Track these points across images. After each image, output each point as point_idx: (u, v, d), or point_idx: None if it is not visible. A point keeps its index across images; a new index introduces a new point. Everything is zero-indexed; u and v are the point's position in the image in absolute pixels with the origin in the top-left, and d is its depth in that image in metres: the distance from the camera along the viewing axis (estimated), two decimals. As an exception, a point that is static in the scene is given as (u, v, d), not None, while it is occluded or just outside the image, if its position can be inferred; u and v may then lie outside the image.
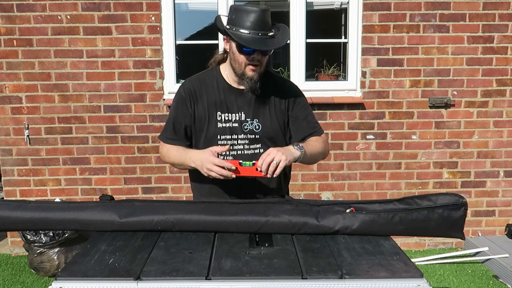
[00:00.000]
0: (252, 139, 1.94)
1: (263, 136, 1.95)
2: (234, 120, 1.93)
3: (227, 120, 1.93)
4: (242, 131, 1.93)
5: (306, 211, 1.61)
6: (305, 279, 1.28)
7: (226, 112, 1.94)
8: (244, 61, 1.85)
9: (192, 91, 1.96)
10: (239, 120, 1.93)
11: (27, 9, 3.66)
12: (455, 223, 1.61)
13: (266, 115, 1.96)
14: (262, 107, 1.96)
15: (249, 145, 1.95)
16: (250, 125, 1.94)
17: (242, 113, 1.94)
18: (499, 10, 3.77)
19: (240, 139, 1.94)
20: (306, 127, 2.01)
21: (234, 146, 1.94)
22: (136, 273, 1.29)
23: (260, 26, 1.79)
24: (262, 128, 1.95)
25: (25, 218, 1.61)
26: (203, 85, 1.98)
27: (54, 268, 3.44)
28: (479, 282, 3.47)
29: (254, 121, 1.94)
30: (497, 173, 4.02)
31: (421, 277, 1.29)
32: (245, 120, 1.94)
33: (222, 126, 1.93)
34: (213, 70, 2.03)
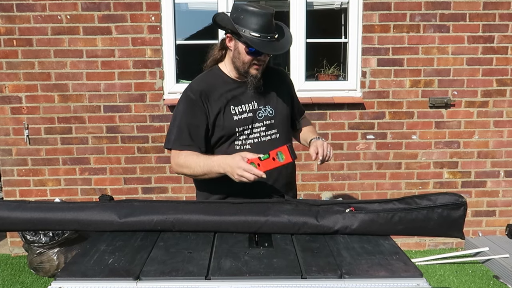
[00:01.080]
0: (268, 125, 2.00)
1: (277, 120, 2.02)
2: (248, 110, 1.98)
3: (242, 112, 1.97)
4: (257, 119, 1.98)
5: (305, 211, 1.61)
6: (305, 279, 1.28)
7: (239, 105, 1.97)
8: (250, 61, 1.90)
9: (201, 91, 1.94)
10: (252, 109, 1.98)
11: (27, 9, 3.66)
12: (454, 222, 1.61)
13: (274, 100, 2.04)
14: (270, 94, 2.04)
15: (266, 132, 2.00)
16: (264, 112, 2.00)
17: (254, 102, 1.99)
18: (499, 10, 3.76)
19: (255, 128, 1.98)
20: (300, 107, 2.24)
21: (250, 135, 1.97)
22: (136, 273, 1.29)
23: (268, 29, 1.84)
24: (275, 112, 2.02)
25: (24, 218, 1.61)
26: (210, 84, 1.98)
27: (53, 268, 3.44)
28: (479, 282, 3.47)
29: (266, 107, 2.01)
30: (498, 173, 4.02)
31: (421, 276, 1.29)
32: (258, 108, 1.99)
33: (238, 119, 1.96)
34: (213, 69, 2.05)
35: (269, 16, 1.83)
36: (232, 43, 1.92)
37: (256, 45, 1.81)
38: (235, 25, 1.83)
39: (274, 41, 1.86)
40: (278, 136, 2.01)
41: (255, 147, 1.95)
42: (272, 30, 1.86)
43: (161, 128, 3.86)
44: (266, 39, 1.83)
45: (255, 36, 1.81)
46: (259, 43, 1.82)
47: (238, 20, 1.84)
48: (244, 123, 1.96)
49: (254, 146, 1.96)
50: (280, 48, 1.89)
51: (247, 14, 1.82)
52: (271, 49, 1.86)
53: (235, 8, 1.88)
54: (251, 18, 1.82)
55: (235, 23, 1.84)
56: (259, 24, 1.81)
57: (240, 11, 1.84)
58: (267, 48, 1.84)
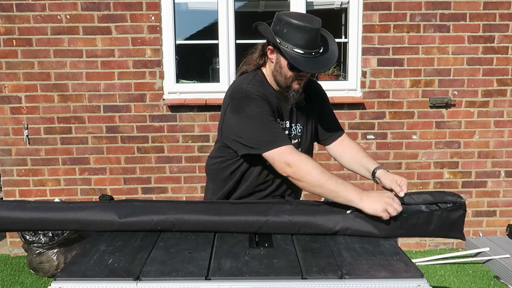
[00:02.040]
0: (295, 144, 1.89)
1: (303, 138, 1.95)
2: (285, 127, 1.88)
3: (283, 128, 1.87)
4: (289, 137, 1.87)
5: (306, 211, 1.61)
6: (305, 279, 1.27)
7: (281, 120, 1.86)
8: (293, 77, 1.78)
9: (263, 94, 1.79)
10: (287, 127, 1.89)
11: (26, 9, 3.65)
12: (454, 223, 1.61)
13: (304, 117, 1.95)
14: (301, 111, 1.93)
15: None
16: (294, 130, 1.92)
17: (288, 119, 1.90)
18: (500, 9, 3.76)
19: None
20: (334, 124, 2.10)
21: None
22: (136, 274, 1.28)
23: (313, 45, 1.71)
24: (302, 130, 1.95)
25: (24, 218, 1.60)
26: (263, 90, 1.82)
27: (53, 269, 3.43)
28: (480, 282, 3.47)
29: (297, 125, 1.93)
30: (498, 173, 4.01)
31: (421, 277, 1.29)
32: (290, 126, 1.90)
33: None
34: (258, 75, 1.87)
35: (315, 31, 1.70)
36: (273, 56, 1.80)
37: (299, 63, 1.69)
38: (277, 38, 1.71)
39: (319, 56, 1.73)
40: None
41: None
42: (317, 45, 1.73)
43: (161, 128, 3.86)
44: (310, 56, 1.70)
45: (298, 53, 1.69)
46: (302, 60, 1.69)
47: (281, 33, 1.71)
48: None
49: None
50: (326, 65, 1.77)
51: (291, 28, 1.69)
52: (316, 67, 1.74)
53: (278, 20, 1.74)
54: (296, 33, 1.68)
55: (278, 35, 1.71)
56: (304, 39, 1.68)
57: (284, 24, 1.70)
58: (311, 66, 1.71)
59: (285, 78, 1.79)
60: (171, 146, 3.88)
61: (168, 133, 3.86)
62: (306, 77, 1.83)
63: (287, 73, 1.77)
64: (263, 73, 1.88)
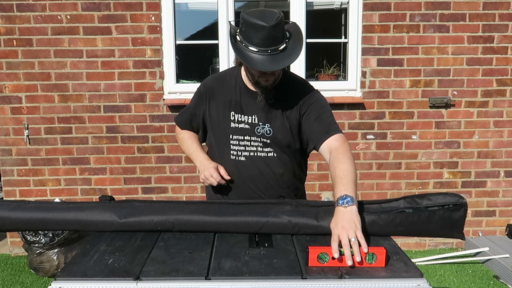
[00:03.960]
0: (265, 143, 1.92)
1: (274, 141, 1.91)
2: (247, 122, 1.91)
3: (240, 121, 1.91)
4: (255, 134, 1.91)
5: (306, 212, 1.60)
6: (305, 279, 1.28)
7: (240, 113, 1.91)
8: (258, 75, 1.80)
9: (210, 88, 2.00)
10: (251, 123, 1.91)
11: (27, 9, 3.66)
12: (455, 223, 1.60)
13: (278, 120, 1.89)
14: (275, 112, 1.90)
15: (263, 148, 1.93)
16: (261, 129, 1.91)
17: (255, 116, 1.90)
18: (499, 10, 3.76)
19: (253, 141, 1.92)
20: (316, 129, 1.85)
21: (247, 147, 1.93)
22: (136, 273, 1.28)
23: (270, 43, 1.69)
24: (273, 133, 1.90)
25: (24, 218, 1.60)
26: (223, 83, 1.98)
27: (53, 268, 3.43)
28: (479, 282, 3.47)
29: (266, 125, 1.90)
30: (498, 173, 4.02)
31: (421, 277, 1.29)
32: (257, 124, 1.91)
33: (234, 126, 1.92)
34: (235, 68, 1.99)
35: (268, 29, 1.65)
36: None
37: (249, 61, 1.70)
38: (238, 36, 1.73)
39: (277, 53, 1.70)
40: (276, 156, 1.91)
41: (250, 161, 1.92)
42: (276, 42, 1.69)
43: (161, 128, 3.86)
44: (265, 54, 1.68)
45: (253, 51, 1.69)
46: (256, 58, 1.68)
47: (242, 32, 1.72)
48: (240, 133, 1.91)
49: (248, 159, 1.92)
50: (281, 64, 1.71)
51: (248, 27, 1.69)
52: (269, 65, 1.69)
53: (241, 18, 1.73)
54: (251, 31, 1.68)
55: (240, 34, 1.73)
56: (258, 37, 1.67)
57: (243, 22, 1.71)
58: (263, 64, 1.69)
59: (251, 75, 1.83)
60: (171, 146, 3.88)
61: (168, 133, 3.86)
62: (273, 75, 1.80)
63: (250, 70, 1.80)
64: (240, 70, 1.95)
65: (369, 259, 1.34)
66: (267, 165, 1.93)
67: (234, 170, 1.94)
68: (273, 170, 1.94)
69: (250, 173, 1.93)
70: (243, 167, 1.93)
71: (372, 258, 1.34)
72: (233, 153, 1.93)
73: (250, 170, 1.92)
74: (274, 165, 1.93)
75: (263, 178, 1.94)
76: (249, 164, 1.92)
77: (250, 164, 1.92)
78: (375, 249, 1.35)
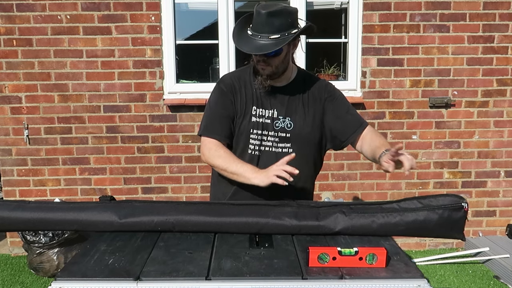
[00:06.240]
0: (282, 138, 1.93)
1: (294, 135, 1.94)
2: (267, 116, 1.93)
3: (261, 115, 1.93)
4: (273, 128, 1.92)
5: (306, 213, 1.60)
6: (305, 280, 1.27)
7: (261, 108, 1.93)
8: (255, 59, 1.87)
9: (232, 85, 1.96)
10: (271, 117, 1.93)
11: (27, 9, 3.65)
12: (455, 224, 1.60)
13: (299, 114, 1.94)
14: (295, 106, 1.94)
15: (278, 143, 1.94)
16: (282, 123, 1.93)
17: (275, 110, 1.93)
18: (500, 9, 3.76)
19: (270, 136, 1.94)
20: (351, 121, 1.96)
21: (263, 141, 1.94)
22: (136, 274, 1.28)
23: (262, 29, 1.77)
24: (294, 126, 1.93)
25: (24, 218, 1.60)
26: (241, 79, 1.98)
27: (53, 269, 3.43)
28: (479, 282, 3.47)
29: (286, 119, 1.93)
30: (498, 173, 4.01)
31: (422, 277, 1.29)
32: (277, 118, 1.93)
33: (255, 120, 1.94)
34: (250, 66, 2.01)
35: (263, 15, 1.76)
36: None
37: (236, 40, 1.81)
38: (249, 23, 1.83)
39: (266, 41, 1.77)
40: (291, 152, 1.91)
41: (265, 156, 1.93)
42: (267, 31, 1.77)
43: (161, 128, 3.86)
44: (255, 38, 1.78)
45: (248, 34, 1.80)
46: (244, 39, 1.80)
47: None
48: (260, 127, 1.93)
49: (264, 154, 1.93)
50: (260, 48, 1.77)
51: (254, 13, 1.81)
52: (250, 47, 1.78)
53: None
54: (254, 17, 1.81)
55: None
56: (255, 22, 1.79)
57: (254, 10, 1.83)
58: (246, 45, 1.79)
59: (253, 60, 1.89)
60: (171, 146, 3.88)
61: (168, 133, 3.86)
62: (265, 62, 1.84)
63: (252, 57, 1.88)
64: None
65: (370, 260, 1.34)
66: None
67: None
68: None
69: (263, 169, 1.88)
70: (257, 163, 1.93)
71: (372, 258, 1.34)
72: (251, 147, 1.94)
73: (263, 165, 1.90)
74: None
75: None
76: (263, 160, 1.92)
77: (264, 159, 1.92)
78: (375, 249, 1.35)
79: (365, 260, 1.33)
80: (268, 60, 1.84)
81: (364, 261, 1.33)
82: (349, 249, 1.33)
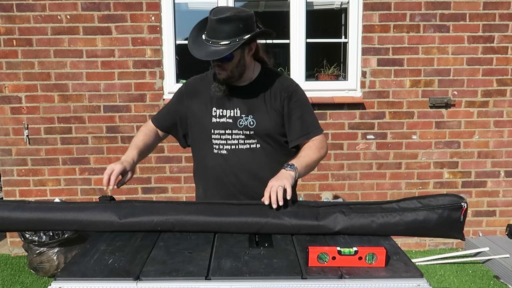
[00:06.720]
0: (247, 135, 1.95)
1: (258, 131, 1.95)
2: (229, 116, 1.95)
3: (222, 116, 1.96)
4: (236, 127, 1.95)
5: (306, 213, 1.61)
6: (305, 279, 1.27)
7: (222, 108, 1.96)
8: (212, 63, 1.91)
9: (191, 87, 2.06)
10: (233, 116, 1.95)
11: (27, 9, 3.66)
12: (455, 223, 1.60)
13: (261, 111, 1.96)
14: (258, 104, 1.96)
15: (244, 140, 1.96)
16: (245, 121, 1.95)
17: (237, 109, 1.95)
18: (499, 10, 3.76)
19: (234, 134, 1.95)
20: (298, 127, 1.95)
21: (228, 140, 1.96)
22: (136, 273, 1.28)
23: (213, 35, 1.80)
24: (257, 123, 1.95)
25: (24, 218, 1.60)
26: (204, 82, 2.04)
27: (53, 269, 3.43)
28: (479, 282, 3.47)
29: (249, 117, 1.95)
30: (498, 173, 4.01)
31: (421, 277, 1.29)
32: (240, 116, 1.95)
33: (216, 121, 1.96)
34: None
35: (214, 21, 1.78)
36: None
37: (190, 45, 1.85)
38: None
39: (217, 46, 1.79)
40: (259, 147, 1.95)
41: (232, 154, 1.95)
42: (220, 36, 1.78)
43: (161, 128, 3.85)
44: (206, 43, 1.82)
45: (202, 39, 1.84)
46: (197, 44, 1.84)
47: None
48: (222, 127, 1.95)
49: (230, 153, 1.95)
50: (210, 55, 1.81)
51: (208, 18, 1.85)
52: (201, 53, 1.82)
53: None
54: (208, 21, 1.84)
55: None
56: (208, 27, 1.82)
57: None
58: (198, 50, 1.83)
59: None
60: (171, 146, 3.88)
61: (168, 133, 3.86)
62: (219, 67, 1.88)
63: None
64: None
65: (369, 259, 1.34)
66: (250, 157, 1.94)
67: (216, 164, 1.96)
68: (256, 161, 1.95)
69: (233, 166, 1.95)
70: (225, 161, 1.95)
71: (372, 258, 1.34)
72: (216, 147, 1.96)
73: (233, 163, 1.94)
74: (257, 156, 1.95)
75: (246, 170, 1.95)
76: (231, 157, 1.94)
77: (232, 157, 1.94)
78: (375, 249, 1.35)
79: (364, 260, 1.34)
80: (222, 65, 1.87)
81: (364, 261, 1.34)
82: (348, 248, 1.33)
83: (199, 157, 2.04)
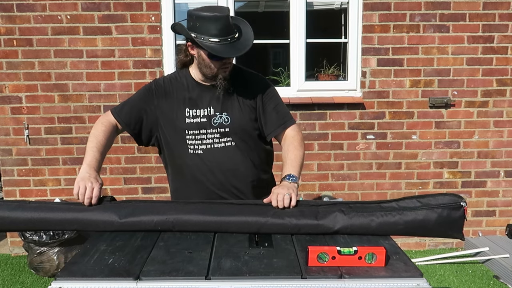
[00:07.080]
0: (222, 133, 1.96)
1: (233, 129, 1.96)
2: (203, 115, 1.96)
3: (195, 116, 1.96)
4: (211, 126, 1.95)
5: (305, 212, 1.61)
6: (305, 279, 1.28)
7: (195, 108, 1.96)
8: (218, 66, 1.88)
9: (162, 87, 2.00)
10: (207, 115, 1.96)
11: (27, 9, 3.66)
12: (454, 223, 1.61)
13: (235, 108, 1.97)
14: (231, 101, 1.98)
15: (220, 139, 1.97)
16: (219, 119, 1.96)
17: (211, 108, 1.96)
18: (499, 10, 3.76)
19: (209, 133, 1.96)
20: (275, 118, 2.00)
21: (203, 140, 1.96)
22: (136, 273, 1.29)
23: (227, 32, 1.80)
24: (231, 121, 1.96)
25: (25, 218, 1.61)
26: (174, 83, 2.01)
27: (53, 268, 3.44)
28: (479, 282, 3.47)
29: (223, 114, 1.96)
30: (498, 173, 4.02)
31: (421, 276, 1.29)
32: (214, 115, 1.95)
33: (189, 122, 1.96)
34: (183, 70, 2.04)
35: (224, 18, 1.78)
36: (194, 51, 1.90)
37: (216, 51, 1.79)
38: (193, 33, 1.81)
39: (235, 41, 1.83)
40: (234, 145, 1.96)
41: (207, 153, 1.95)
42: (231, 31, 1.82)
43: (161, 128, 3.86)
44: (226, 42, 1.80)
45: (215, 42, 1.79)
46: (220, 48, 1.79)
47: (195, 28, 1.80)
48: (196, 127, 1.95)
49: (206, 152, 1.95)
50: (243, 48, 1.84)
51: (203, 21, 1.79)
52: (234, 51, 1.83)
53: (190, 16, 1.84)
54: (208, 24, 1.78)
55: (193, 31, 1.81)
56: (216, 29, 1.78)
57: (195, 18, 1.81)
58: (229, 52, 1.81)
59: (211, 69, 1.89)
60: (171, 146, 3.87)
61: (168, 133, 3.86)
62: (230, 63, 1.90)
63: (210, 63, 1.87)
64: (188, 70, 2.01)
65: (369, 259, 1.34)
66: (225, 155, 1.96)
67: (193, 164, 1.97)
68: (232, 159, 1.96)
69: (209, 166, 1.95)
70: (202, 160, 1.96)
71: (371, 258, 1.34)
72: (191, 147, 1.96)
73: (209, 162, 1.95)
74: (232, 154, 1.96)
75: (222, 168, 1.96)
76: (207, 157, 1.95)
77: (208, 156, 1.95)
78: (374, 248, 1.35)
79: (364, 260, 1.34)
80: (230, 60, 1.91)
81: (364, 261, 1.34)
82: (348, 248, 1.34)
83: (174, 157, 2.03)
